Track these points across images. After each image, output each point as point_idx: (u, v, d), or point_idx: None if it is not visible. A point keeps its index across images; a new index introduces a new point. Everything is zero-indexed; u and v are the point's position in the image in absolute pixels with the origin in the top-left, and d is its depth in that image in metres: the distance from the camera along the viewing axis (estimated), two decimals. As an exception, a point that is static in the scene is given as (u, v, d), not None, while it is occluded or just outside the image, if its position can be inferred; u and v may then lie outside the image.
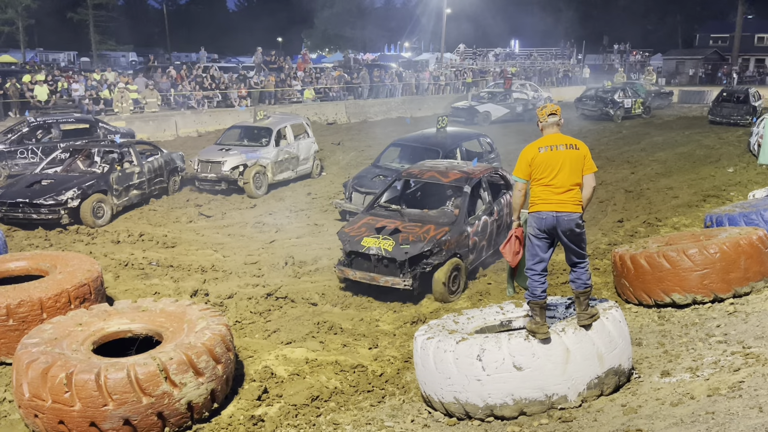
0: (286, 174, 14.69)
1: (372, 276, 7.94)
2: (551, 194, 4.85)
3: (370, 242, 8.05)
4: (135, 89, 22.79)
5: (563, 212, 4.82)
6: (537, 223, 4.90)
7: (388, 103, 29.89)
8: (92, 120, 17.07)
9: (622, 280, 7.08)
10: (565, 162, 4.86)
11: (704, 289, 6.42)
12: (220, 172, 13.44)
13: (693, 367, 4.84)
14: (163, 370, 4.71)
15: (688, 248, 6.51)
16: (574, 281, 5.01)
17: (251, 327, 7.13)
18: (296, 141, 15.12)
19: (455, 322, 5.50)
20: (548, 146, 4.92)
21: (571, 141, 4.98)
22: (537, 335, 4.68)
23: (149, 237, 10.59)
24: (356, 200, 11.27)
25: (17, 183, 11.77)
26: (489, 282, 8.45)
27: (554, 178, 4.85)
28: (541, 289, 4.88)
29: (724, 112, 24.27)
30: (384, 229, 8.28)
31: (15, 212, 10.85)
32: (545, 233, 4.89)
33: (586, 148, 5.01)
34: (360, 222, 8.66)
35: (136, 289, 8.27)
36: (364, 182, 11.55)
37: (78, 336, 5.28)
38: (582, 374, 4.67)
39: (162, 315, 5.70)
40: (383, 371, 6.02)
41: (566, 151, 4.89)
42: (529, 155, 4.95)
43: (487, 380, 4.63)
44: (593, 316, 4.86)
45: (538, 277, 4.91)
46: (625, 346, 4.96)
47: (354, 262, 8.17)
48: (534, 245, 4.95)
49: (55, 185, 11.25)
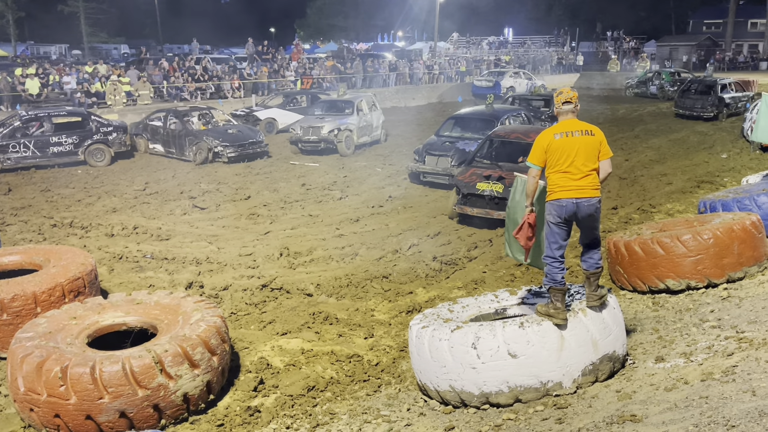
0: (365, 138, 18.35)
1: (487, 211, 10.33)
2: (569, 180, 4.84)
3: (483, 186, 10.53)
4: (127, 81, 22.65)
5: (583, 198, 4.83)
6: (557, 210, 4.88)
7: (382, 93, 29.77)
8: (84, 113, 16.98)
9: (617, 266, 7.09)
10: (581, 148, 4.85)
11: (698, 274, 6.44)
12: (320, 134, 17.17)
13: (687, 352, 4.86)
14: (158, 363, 4.71)
15: (682, 234, 6.53)
16: (586, 261, 5.06)
17: (246, 318, 7.13)
18: (370, 112, 18.83)
19: (450, 310, 5.50)
20: (564, 132, 4.90)
21: (587, 127, 4.96)
22: (555, 319, 4.70)
23: (143, 230, 10.56)
24: (429, 162, 13.57)
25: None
26: (484, 270, 8.46)
27: (570, 165, 4.84)
28: (561, 275, 4.89)
29: (687, 104, 22.87)
30: (491, 177, 10.65)
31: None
32: (565, 220, 4.89)
33: (602, 134, 4.99)
34: (468, 172, 11.07)
35: (130, 282, 8.25)
36: (435, 147, 13.82)
37: (72, 329, 5.27)
38: (577, 361, 4.69)
39: (157, 307, 5.69)
40: (379, 360, 6.02)
41: (582, 137, 4.87)
42: (545, 141, 4.93)
43: (482, 368, 4.64)
44: (602, 297, 4.92)
45: (558, 264, 4.91)
46: (619, 332, 4.98)
47: (471, 201, 10.57)
48: (554, 233, 4.93)
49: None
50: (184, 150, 16.85)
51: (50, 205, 12.29)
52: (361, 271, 8.61)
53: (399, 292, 7.84)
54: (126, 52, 53.03)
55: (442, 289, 7.87)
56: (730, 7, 52.93)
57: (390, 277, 8.32)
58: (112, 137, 16.51)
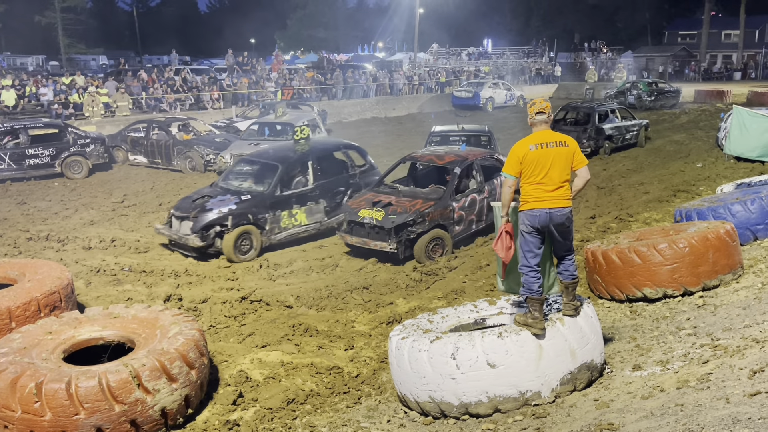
0: None
1: (365, 241, 9.54)
2: (543, 192, 4.89)
3: (365, 213, 9.64)
4: (105, 93, 22.54)
5: (556, 208, 4.89)
6: (530, 220, 4.94)
7: (363, 104, 29.91)
8: (61, 125, 16.85)
9: (594, 275, 7.16)
10: (556, 160, 4.89)
11: (674, 282, 6.52)
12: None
13: (663, 360, 4.91)
14: (135, 377, 4.66)
15: (658, 243, 6.61)
16: (561, 273, 5.12)
17: (226, 331, 7.08)
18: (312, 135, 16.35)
19: (430, 321, 5.51)
20: (538, 144, 4.93)
21: (561, 138, 5.01)
22: (533, 329, 4.72)
23: (121, 242, 10.47)
24: (174, 226, 10.19)
25: None
26: (464, 281, 8.48)
27: (545, 177, 4.88)
28: (538, 284, 4.93)
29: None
30: (379, 202, 9.81)
31: None
32: (537, 230, 4.95)
33: (575, 144, 5.05)
34: (362, 197, 10.30)
35: (108, 296, 8.16)
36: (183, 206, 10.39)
37: (48, 345, 5.20)
38: (555, 370, 4.71)
39: (134, 321, 5.63)
40: (359, 372, 6.01)
41: (556, 149, 4.91)
42: (520, 153, 4.95)
43: (461, 378, 4.65)
44: (578, 308, 4.99)
45: (534, 273, 4.96)
46: (597, 341, 5.02)
47: (353, 229, 9.71)
48: (528, 241, 4.99)
49: None
50: (171, 160, 16.81)
51: (26, 218, 12.14)
52: (341, 282, 8.61)
53: (379, 303, 7.84)
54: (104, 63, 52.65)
55: (422, 300, 7.88)
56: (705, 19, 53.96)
57: (370, 288, 8.32)
58: (89, 149, 16.39)
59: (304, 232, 10.73)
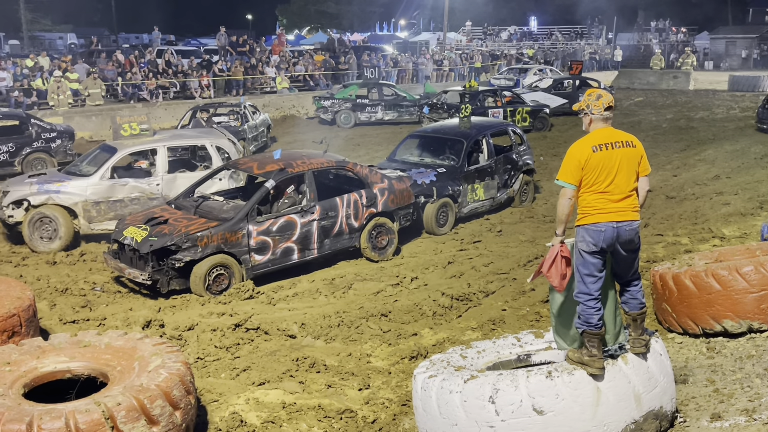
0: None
1: (120, 267, 9.04)
2: (608, 202, 4.84)
3: (130, 231, 9.05)
4: (75, 78, 22.85)
5: (624, 221, 4.84)
6: (594, 237, 4.84)
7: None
8: (23, 116, 17.07)
9: (664, 304, 7.10)
10: (623, 163, 4.85)
11: (762, 314, 6.44)
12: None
13: (749, 408, 4.87)
14: (109, 418, 4.68)
15: (742, 266, 6.54)
16: (627, 302, 5.10)
17: (216, 365, 7.11)
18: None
19: (463, 356, 5.51)
20: (602, 144, 4.87)
21: (627, 137, 4.97)
22: (590, 368, 4.70)
23: (92, 257, 10.57)
24: None
25: None
26: (503, 308, 8.46)
27: (611, 184, 4.83)
28: (598, 317, 4.85)
29: None
30: (155, 219, 9.20)
31: None
32: (602, 249, 4.86)
33: (641, 145, 5.02)
34: (149, 210, 9.84)
35: (76, 320, 8.24)
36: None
37: (6, 377, 5.25)
38: (615, 418, 4.69)
39: (108, 351, 5.67)
40: (376, 417, 6.01)
41: (622, 150, 4.88)
42: (582, 156, 4.85)
43: (501, 426, 4.64)
44: (648, 344, 4.96)
45: (594, 303, 4.86)
46: (667, 384, 4.98)
47: (120, 252, 9.22)
48: (588, 263, 4.88)
49: None
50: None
51: (-20, 227, 12.30)
52: (354, 307, 8.61)
53: (401, 333, 7.84)
54: (73, 43, 53.36)
55: (453, 330, 7.87)
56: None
57: (390, 315, 8.32)
58: (55, 144, 16.57)
59: (481, 207, 12.88)
